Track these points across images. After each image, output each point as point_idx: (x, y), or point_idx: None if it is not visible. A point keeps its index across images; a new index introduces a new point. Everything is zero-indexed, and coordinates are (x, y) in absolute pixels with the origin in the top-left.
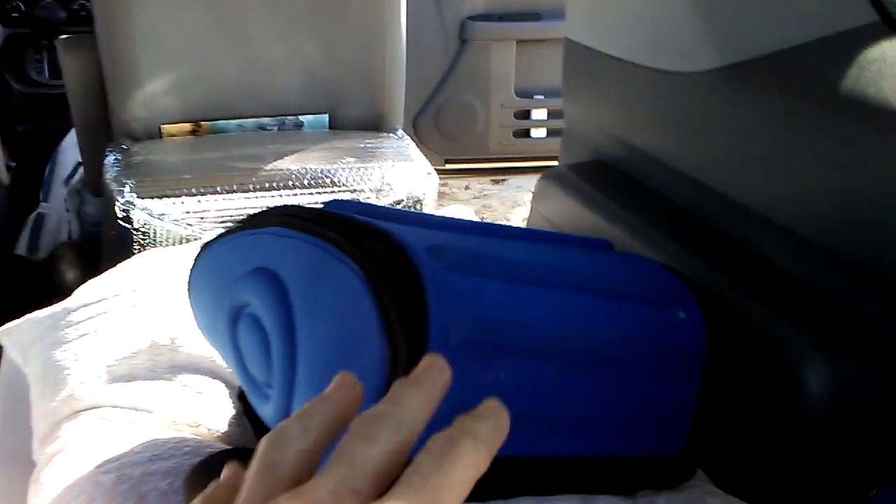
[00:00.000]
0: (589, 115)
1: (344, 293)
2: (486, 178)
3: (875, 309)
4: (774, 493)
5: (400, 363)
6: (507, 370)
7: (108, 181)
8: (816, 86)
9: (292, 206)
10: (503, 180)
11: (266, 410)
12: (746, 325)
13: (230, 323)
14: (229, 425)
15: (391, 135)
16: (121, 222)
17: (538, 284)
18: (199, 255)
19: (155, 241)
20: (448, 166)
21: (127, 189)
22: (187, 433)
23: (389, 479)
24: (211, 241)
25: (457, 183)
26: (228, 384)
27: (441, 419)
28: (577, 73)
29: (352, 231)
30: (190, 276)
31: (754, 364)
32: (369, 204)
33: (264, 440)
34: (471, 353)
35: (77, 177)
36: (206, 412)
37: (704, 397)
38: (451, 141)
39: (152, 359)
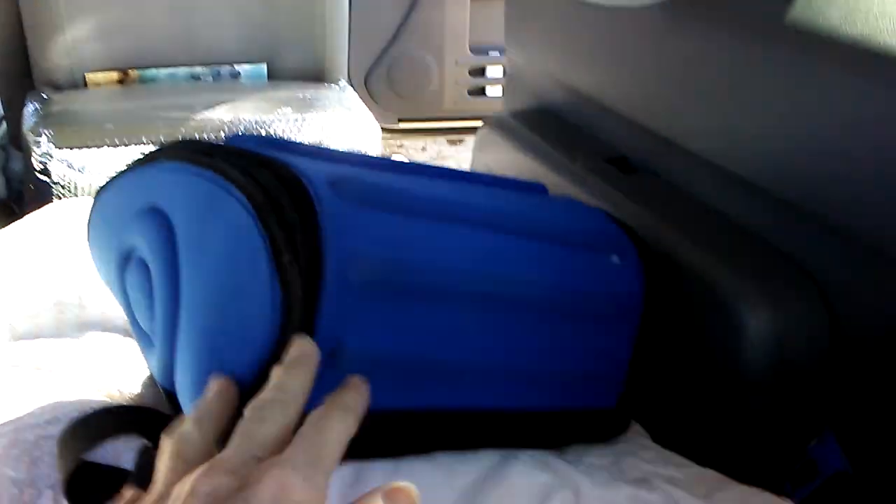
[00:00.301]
0: (531, 58)
1: (232, 229)
2: (443, 139)
3: (819, 255)
4: (713, 445)
5: (293, 306)
6: (419, 315)
7: (25, 132)
8: (763, 18)
9: (188, 140)
10: (460, 141)
11: (153, 362)
12: (687, 272)
13: (119, 269)
14: (143, 387)
15: (333, 86)
16: (38, 175)
17: (457, 223)
18: (95, 199)
19: (76, 195)
20: (402, 125)
21: (44, 139)
22: (94, 395)
23: (283, 447)
24: (106, 182)
25: (413, 144)
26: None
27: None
28: (520, 12)
29: (245, 162)
30: (88, 223)
31: (694, 312)
32: (275, 137)
33: (166, 443)
34: (376, 295)
35: (0, 132)
36: (117, 373)
37: (641, 348)
38: (404, 99)
39: (58, 316)
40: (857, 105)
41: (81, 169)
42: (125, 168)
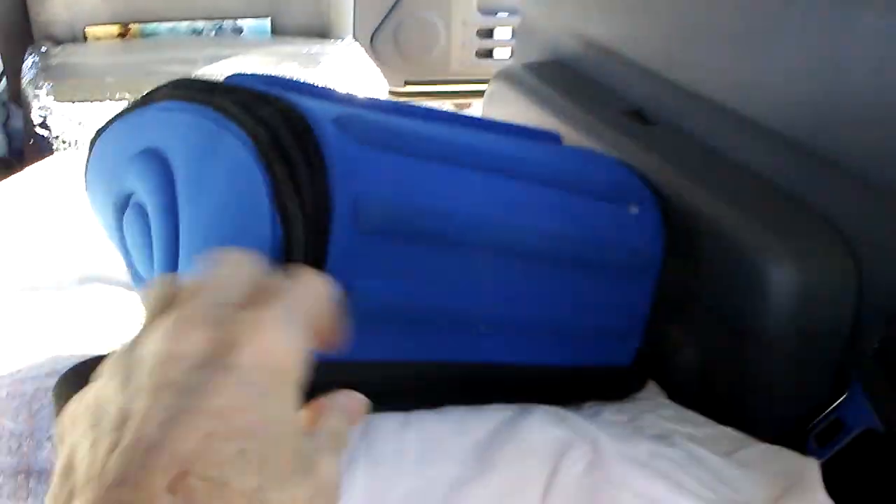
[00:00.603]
0: (546, 9)
1: (232, 168)
2: (450, 103)
3: (846, 207)
4: (733, 403)
5: (294, 248)
6: (430, 263)
7: (24, 85)
8: None
9: (186, 78)
10: (468, 105)
11: None
12: (708, 226)
13: (117, 214)
14: None
15: (338, 42)
16: (38, 129)
17: (471, 168)
18: (91, 143)
19: (77, 151)
20: (408, 88)
21: (44, 92)
22: (94, 349)
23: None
24: (102, 126)
25: None
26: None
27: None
28: None
29: (246, 99)
30: (85, 170)
31: (715, 267)
32: (276, 76)
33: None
34: (386, 240)
35: (0, 88)
36: (118, 327)
37: (659, 304)
38: (410, 61)
39: (58, 269)
40: (889, 48)
41: (81, 123)
42: (121, 111)
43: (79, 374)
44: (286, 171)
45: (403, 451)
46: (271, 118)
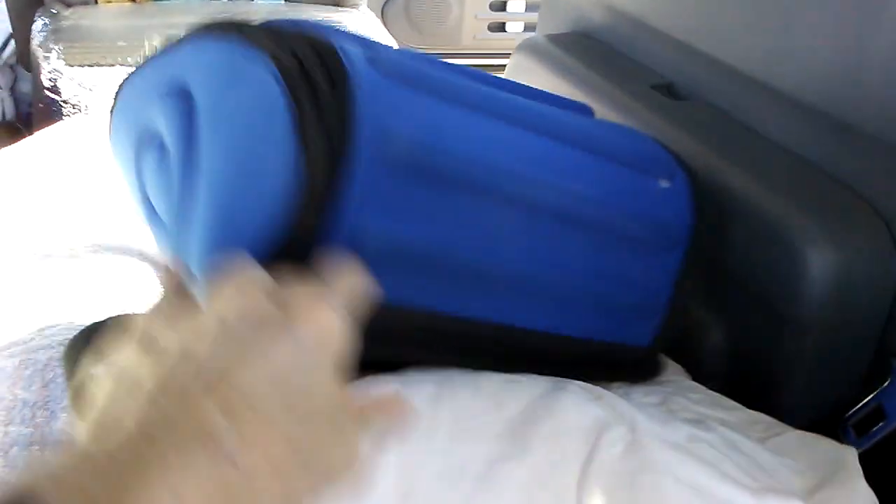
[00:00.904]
0: None
1: (255, 94)
2: None
3: (886, 188)
4: (765, 387)
5: (315, 176)
6: (451, 208)
7: (34, 48)
8: None
9: (217, 20)
10: None
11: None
12: (741, 206)
13: (137, 156)
14: None
15: (352, 10)
16: (48, 93)
17: (500, 119)
18: (118, 91)
19: (88, 116)
20: None
21: (54, 56)
22: (106, 317)
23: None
24: (130, 73)
25: None
26: (158, 267)
27: (381, 249)
28: None
29: (273, 30)
30: (111, 113)
31: (748, 246)
32: (306, 20)
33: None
34: (408, 179)
35: (9, 51)
36: (131, 295)
37: (686, 283)
38: (421, 33)
39: (71, 236)
40: None
41: (92, 87)
42: (148, 56)
43: (87, 339)
44: (311, 98)
45: (436, 428)
46: (298, 48)
